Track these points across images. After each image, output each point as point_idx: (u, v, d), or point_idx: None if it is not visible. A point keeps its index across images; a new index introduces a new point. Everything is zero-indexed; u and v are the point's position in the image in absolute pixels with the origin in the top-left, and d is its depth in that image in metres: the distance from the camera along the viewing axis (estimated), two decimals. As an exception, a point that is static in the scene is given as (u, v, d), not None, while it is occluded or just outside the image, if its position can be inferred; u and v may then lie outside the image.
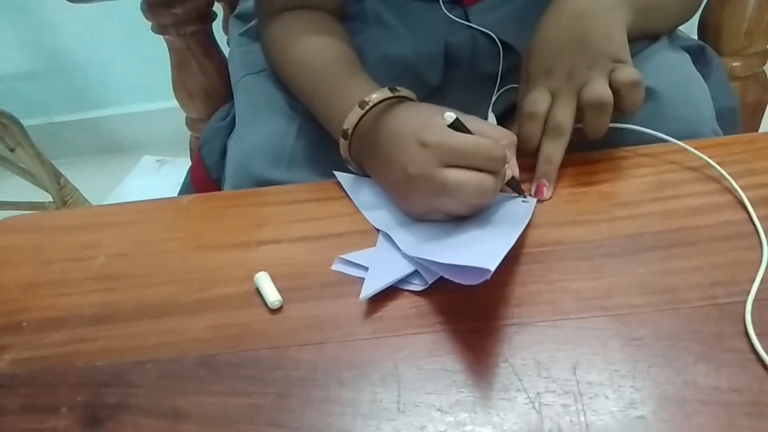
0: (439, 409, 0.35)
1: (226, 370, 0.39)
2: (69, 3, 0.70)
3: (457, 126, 0.43)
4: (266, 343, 0.40)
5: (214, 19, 0.72)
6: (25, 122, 1.17)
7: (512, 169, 0.47)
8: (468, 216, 0.45)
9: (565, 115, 0.47)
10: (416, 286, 0.42)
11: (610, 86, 0.46)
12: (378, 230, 0.47)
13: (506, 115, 0.62)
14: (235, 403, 0.37)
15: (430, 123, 0.43)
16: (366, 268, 0.43)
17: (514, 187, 0.47)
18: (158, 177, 1.56)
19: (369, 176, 0.51)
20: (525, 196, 0.47)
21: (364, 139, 0.48)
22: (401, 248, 0.44)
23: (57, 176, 1.22)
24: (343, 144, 0.49)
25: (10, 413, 0.38)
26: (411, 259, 0.43)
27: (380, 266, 0.43)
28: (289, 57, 0.58)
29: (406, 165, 0.43)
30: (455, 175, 0.41)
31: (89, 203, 1.29)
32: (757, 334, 0.36)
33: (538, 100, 0.48)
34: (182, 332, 0.42)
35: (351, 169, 0.51)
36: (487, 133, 0.44)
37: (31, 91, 1.58)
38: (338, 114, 0.50)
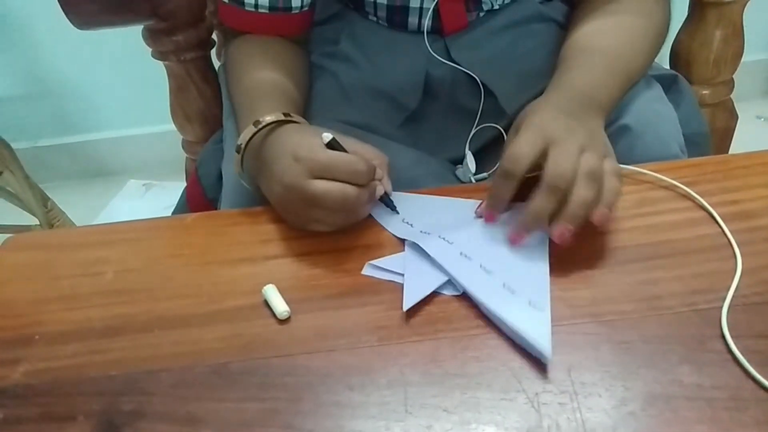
0: (444, 410, 0.37)
1: (238, 378, 0.41)
2: (57, 26, 0.70)
3: (333, 146, 0.48)
4: (276, 351, 0.42)
5: (212, 47, 0.75)
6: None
7: (385, 186, 0.51)
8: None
9: (596, 161, 0.45)
10: (451, 291, 0.45)
11: None
12: (402, 240, 0.49)
13: (482, 151, 0.65)
14: (250, 408, 0.39)
15: (305, 141, 0.48)
16: (395, 273, 0.46)
17: (387, 203, 0.51)
18: (144, 201, 1.56)
19: (260, 190, 0.54)
20: (398, 212, 0.51)
21: (254, 155, 0.53)
22: (451, 273, 0.45)
23: (44, 199, 1.22)
24: (236, 159, 0.53)
25: (28, 422, 0.39)
26: (443, 269, 0.45)
27: (416, 277, 0.45)
28: (232, 76, 0.63)
29: (282, 176, 0.48)
30: (321, 185, 0.46)
31: (76, 227, 1.29)
32: (732, 337, 0.39)
33: (522, 156, 0.45)
34: (193, 342, 0.43)
35: (243, 182, 0.56)
36: (360, 153, 0.49)
37: (16, 114, 1.58)
38: (241, 131, 0.54)
